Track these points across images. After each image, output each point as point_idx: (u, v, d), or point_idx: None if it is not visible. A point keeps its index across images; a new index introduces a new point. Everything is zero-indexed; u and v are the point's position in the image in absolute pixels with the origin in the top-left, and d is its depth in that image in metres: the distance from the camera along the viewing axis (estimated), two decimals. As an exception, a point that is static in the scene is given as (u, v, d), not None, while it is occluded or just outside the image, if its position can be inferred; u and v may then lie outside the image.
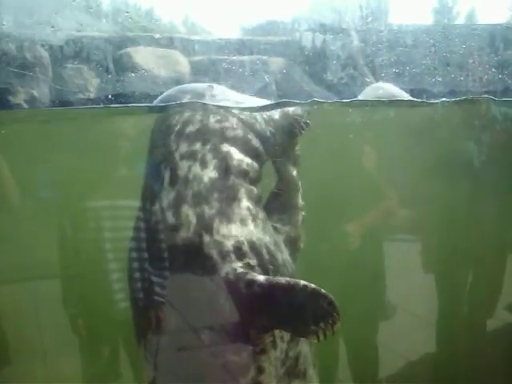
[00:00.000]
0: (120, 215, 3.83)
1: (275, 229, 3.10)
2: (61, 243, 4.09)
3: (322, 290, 2.45)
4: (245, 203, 2.71)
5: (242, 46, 3.90)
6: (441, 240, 4.94)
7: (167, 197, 2.59)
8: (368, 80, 4.16)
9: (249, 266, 2.54)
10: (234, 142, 2.85)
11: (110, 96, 3.72)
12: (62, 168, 3.97)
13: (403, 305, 4.71)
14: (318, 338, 2.44)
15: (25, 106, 3.90)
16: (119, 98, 3.74)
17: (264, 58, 3.98)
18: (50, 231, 4.07)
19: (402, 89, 4.04)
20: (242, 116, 3.02)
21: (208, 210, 2.54)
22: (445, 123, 4.43)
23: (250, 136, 2.95)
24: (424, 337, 4.83)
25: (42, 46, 3.68)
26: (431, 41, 4.10)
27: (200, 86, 3.28)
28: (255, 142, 2.96)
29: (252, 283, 2.45)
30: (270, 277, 2.56)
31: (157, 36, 3.90)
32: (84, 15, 3.74)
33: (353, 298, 3.99)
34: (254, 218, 2.71)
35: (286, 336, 2.77)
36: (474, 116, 4.64)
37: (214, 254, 2.48)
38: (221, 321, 2.54)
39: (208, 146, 2.72)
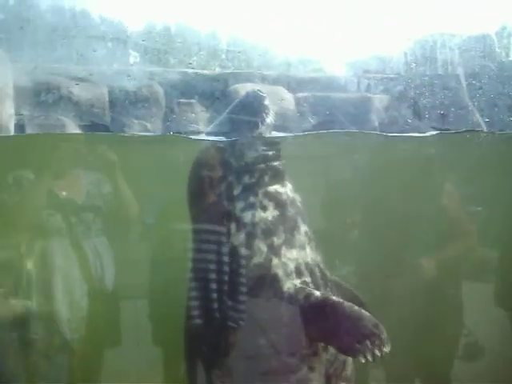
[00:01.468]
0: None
1: None
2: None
3: (367, 313, 2.69)
4: (303, 228, 3.09)
5: (347, 83, 3.94)
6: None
7: (237, 239, 2.99)
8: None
9: (305, 283, 2.95)
10: (273, 179, 3.12)
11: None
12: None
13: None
14: (366, 357, 2.59)
15: (139, 137, 4.14)
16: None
17: (369, 95, 3.99)
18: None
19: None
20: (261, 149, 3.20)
21: (276, 240, 2.98)
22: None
23: (279, 163, 3.18)
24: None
25: (158, 82, 3.93)
26: (478, 84, 4.25)
27: None
28: (282, 167, 3.23)
29: (309, 296, 2.86)
30: (325, 293, 2.96)
31: (265, 73, 4.04)
32: (196, 55, 3.96)
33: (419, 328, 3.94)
34: (310, 241, 3.12)
35: None
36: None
37: (280, 273, 2.91)
38: (282, 327, 2.92)
39: (260, 195, 3.04)
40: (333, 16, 4.07)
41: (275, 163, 3.15)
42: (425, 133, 3.87)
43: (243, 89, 4.25)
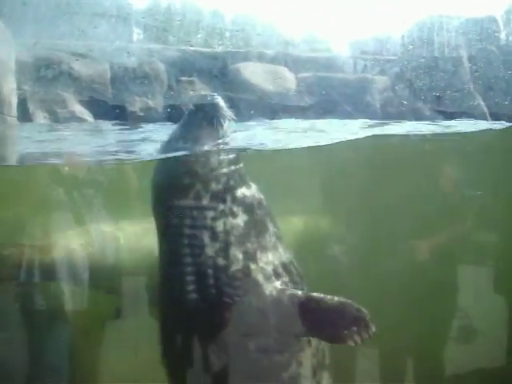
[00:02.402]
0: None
1: None
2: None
3: (348, 301, 2.78)
4: (272, 229, 3.10)
5: (347, 64, 3.96)
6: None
7: (213, 248, 2.97)
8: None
9: (284, 284, 2.99)
10: (239, 182, 3.09)
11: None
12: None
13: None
14: (355, 342, 2.75)
15: (140, 113, 4.19)
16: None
17: (369, 76, 4.02)
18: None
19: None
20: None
21: (250, 246, 2.99)
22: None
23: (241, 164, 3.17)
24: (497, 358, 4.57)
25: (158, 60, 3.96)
26: (474, 67, 4.31)
27: None
28: (244, 168, 3.21)
29: (292, 296, 2.91)
30: (306, 292, 2.97)
31: (267, 52, 4.07)
32: (196, 33, 3.98)
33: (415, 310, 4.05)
34: (280, 239, 3.13)
35: None
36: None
37: (260, 278, 2.95)
38: (270, 330, 2.93)
39: (228, 201, 3.01)
40: (332, -4, 4.08)
41: (238, 165, 3.11)
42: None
43: (244, 68, 4.29)
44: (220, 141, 3.07)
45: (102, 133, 4.15)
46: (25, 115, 4.36)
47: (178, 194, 2.99)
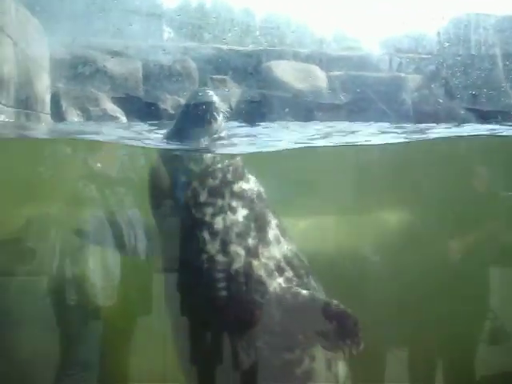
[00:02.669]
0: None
1: None
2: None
3: (350, 311, 2.70)
4: (273, 222, 3.01)
5: (382, 62, 3.93)
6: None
7: (213, 247, 2.89)
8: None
9: (288, 280, 2.92)
10: (236, 175, 3.02)
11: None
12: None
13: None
14: (344, 353, 2.74)
15: (171, 111, 4.20)
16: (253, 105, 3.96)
17: (402, 74, 3.99)
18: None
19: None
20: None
21: (251, 241, 2.91)
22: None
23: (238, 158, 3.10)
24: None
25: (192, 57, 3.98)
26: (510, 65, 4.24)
27: None
28: (241, 161, 3.13)
29: (296, 295, 2.85)
30: (311, 291, 2.91)
31: (300, 51, 4.06)
32: (230, 31, 3.99)
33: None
34: (282, 232, 3.03)
35: None
36: None
37: (263, 274, 2.86)
38: (275, 327, 2.85)
39: (227, 197, 2.94)
40: (366, -7, 4.06)
41: (234, 159, 3.05)
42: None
43: (276, 66, 4.28)
44: (215, 136, 3.03)
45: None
46: (58, 113, 4.40)
47: (174, 192, 2.98)
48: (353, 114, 3.88)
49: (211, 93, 3.04)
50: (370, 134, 3.82)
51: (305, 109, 3.65)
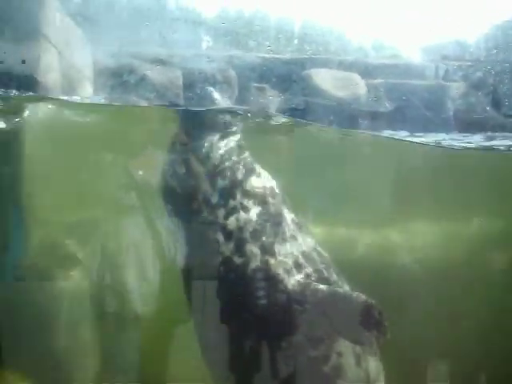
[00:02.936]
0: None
1: None
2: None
3: (373, 301, 2.68)
4: (289, 217, 2.98)
5: (424, 69, 3.89)
6: None
7: (228, 248, 2.88)
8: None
9: (307, 276, 2.88)
10: (246, 172, 2.99)
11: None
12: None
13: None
14: (372, 345, 2.71)
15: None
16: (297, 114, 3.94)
17: (448, 83, 3.94)
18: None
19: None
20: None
21: (267, 239, 2.87)
22: None
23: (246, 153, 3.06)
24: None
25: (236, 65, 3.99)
26: None
27: None
28: (250, 157, 3.11)
29: (315, 292, 2.80)
30: (330, 286, 2.89)
31: (339, 58, 4.04)
32: (273, 39, 3.99)
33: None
34: (299, 227, 3.00)
35: None
36: None
37: (280, 272, 2.83)
38: (297, 325, 2.86)
39: (238, 196, 2.89)
40: (408, -2, 4.02)
41: (242, 155, 3.02)
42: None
43: (316, 74, 4.27)
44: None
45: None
46: (100, 121, 4.45)
47: (185, 196, 2.97)
48: (397, 123, 3.84)
49: (212, 90, 3.17)
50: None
51: (349, 116, 3.61)
